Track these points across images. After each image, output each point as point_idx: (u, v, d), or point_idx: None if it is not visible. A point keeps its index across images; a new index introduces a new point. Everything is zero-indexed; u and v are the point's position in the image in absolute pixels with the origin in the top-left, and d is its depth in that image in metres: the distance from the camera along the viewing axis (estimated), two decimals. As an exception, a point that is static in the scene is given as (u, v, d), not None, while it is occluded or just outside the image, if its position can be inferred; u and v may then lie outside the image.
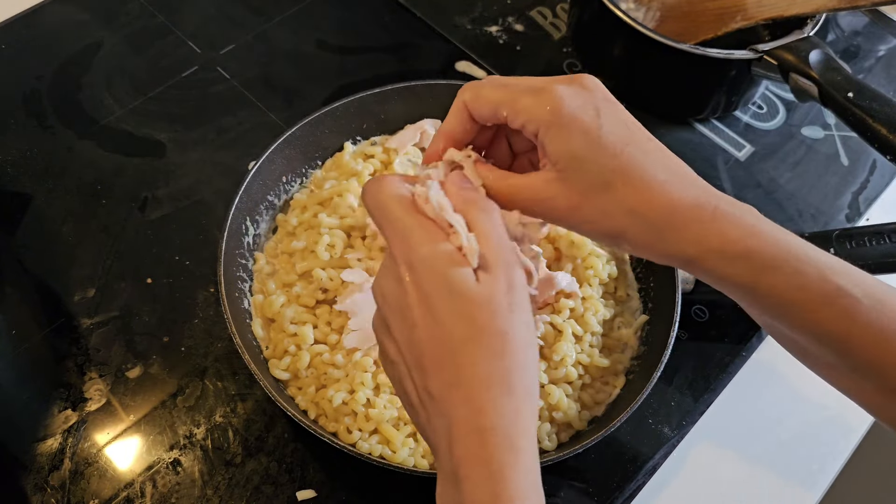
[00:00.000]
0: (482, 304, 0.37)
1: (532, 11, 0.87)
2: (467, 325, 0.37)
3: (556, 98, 0.39)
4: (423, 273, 0.38)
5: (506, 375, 0.37)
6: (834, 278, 0.38)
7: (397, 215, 0.39)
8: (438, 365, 0.37)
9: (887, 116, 0.63)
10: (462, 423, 0.36)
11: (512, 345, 0.37)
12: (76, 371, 0.60)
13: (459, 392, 0.37)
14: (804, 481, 0.61)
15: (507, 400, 0.37)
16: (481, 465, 0.36)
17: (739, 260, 0.39)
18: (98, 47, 0.80)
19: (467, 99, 0.42)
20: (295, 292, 0.60)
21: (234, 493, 0.56)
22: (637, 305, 0.64)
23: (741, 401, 0.63)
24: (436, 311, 0.37)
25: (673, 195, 0.39)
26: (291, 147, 0.66)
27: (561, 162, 0.39)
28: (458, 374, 0.37)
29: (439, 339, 0.37)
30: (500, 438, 0.36)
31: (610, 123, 0.40)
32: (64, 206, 0.69)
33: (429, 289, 0.38)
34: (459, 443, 0.36)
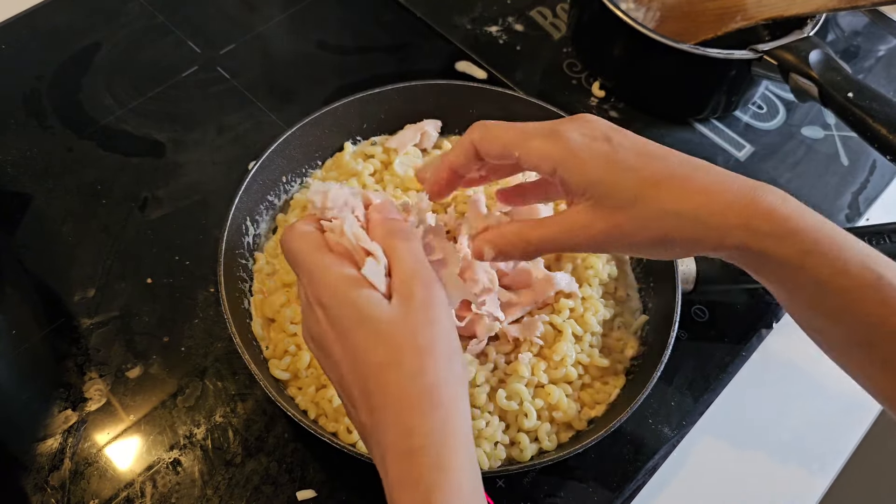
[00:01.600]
0: (395, 323, 0.38)
1: (532, 11, 0.87)
2: (384, 349, 0.38)
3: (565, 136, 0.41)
4: (333, 306, 0.39)
5: (430, 391, 0.37)
6: (875, 267, 0.38)
7: (303, 255, 0.41)
8: (364, 394, 0.38)
9: (887, 116, 0.63)
10: (392, 447, 0.37)
11: (432, 359, 0.38)
12: (76, 371, 0.60)
13: (386, 416, 0.37)
14: (804, 481, 0.61)
15: (434, 416, 0.37)
16: (411, 487, 0.36)
17: (787, 240, 0.39)
18: (98, 47, 0.80)
19: (476, 138, 0.43)
20: (295, 292, 0.60)
21: (234, 493, 0.56)
22: (637, 305, 0.64)
23: (741, 401, 0.63)
24: (351, 341, 0.38)
25: (707, 187, 0.39)
26: (291, 147, 0.66)
27: (588, 190, 0.40)
28: (382, 399, 0.37)
29: (360, 368, 0.38)
30: (429, 458, 0.36)
31: (622, 145, 0.41)
32: (64, 206, 0.69)
33: (342, 321, 0.39)
34: (392, 467, 0.37)
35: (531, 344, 0.58)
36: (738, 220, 0.39)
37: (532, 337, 0.58)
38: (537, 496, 0.57)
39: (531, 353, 0.58)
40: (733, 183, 0.40)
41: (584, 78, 0.82)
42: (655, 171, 0.40)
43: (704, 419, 0.62)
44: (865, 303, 0.38)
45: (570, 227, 0.41)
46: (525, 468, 0.54)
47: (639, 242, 0.41)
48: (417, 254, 0.41)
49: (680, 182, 0.40)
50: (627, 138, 0.42)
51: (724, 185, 0.40)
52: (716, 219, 0.39)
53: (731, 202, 0.39)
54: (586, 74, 0.82)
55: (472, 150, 0.44)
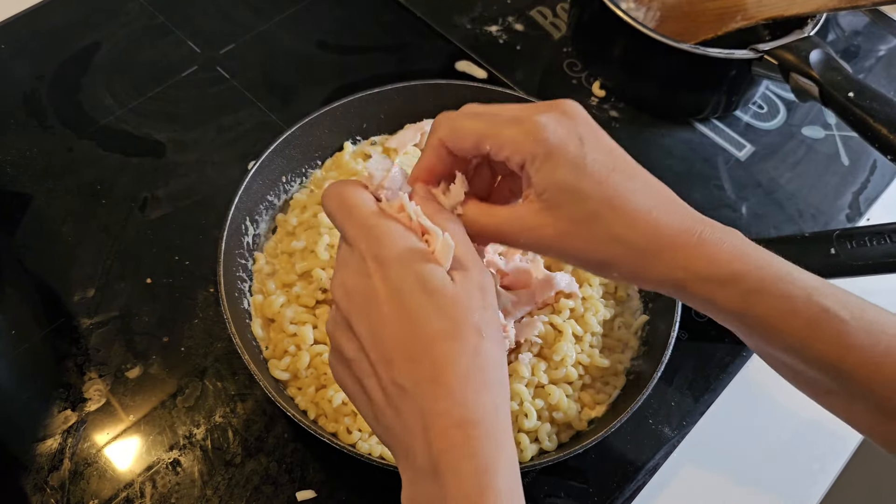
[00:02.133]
0: (459, 300, 0.37)
1: (532, 11, 0.87)
2: (444, 321, 0.37)
3: (540, 128, 0.39)
4: (395, 269, 0.38)
5: (483, 371, 0.37)
6: (821, 300, 0.38)
7: (367, 216, 0.40)
8: (412, 359, 0.37)
9: (888, 116, 0.63)
10: (443, 416, 0.36)
11: (487, 342, 0.37)
12: (76, 371, 0.60)
13: (438, 386, 0.36)
14: (805, 482, 0.61)
15: (486, 395, 0.37)
16: (466, 458, 0.35)
17: (728, 284, 0.39)
18: (98, 47, 0.80)
19: (444, 136, 0.42)
20: (295, 292, 0.60)
21: (234, 493, 0.56)
22: (637, 305, 0.63)
23: (741, 401, 0.63)
24: (408, 306, 0.37)
25: (659, 221, 0.39)
26: (291, 147, 0.66)
27: (547, 192, 0.39)
28: (435, 369, 0.36)
29: (412, 333, 0.37)
30: (484, 432, 0.36)
31: (594, 151, 0.40)
32: (64, 206, 0.69)
33: (400, 284, 0.37)
34: (441, 436, 0.36)
35: (531, 344, 0.58)
36: (680, 261, 0.39)
37: (531, 337, 0.58)
38: (537, 496, 0.57)
39: (531, 354, 0.58)
40: (687, 221, 0.39)
41: (584, 78, 0.82)
42: (616, 190, 0.39)
43: (705, 419, 0.62)
44: (815, 338, 0.39)
45: (518, 223, 0.41)
46: (525, 468, 0.53)
47: (580, 259, 0.41)
48: (467, 239, 0.41)
49: (635, 208, 0.39)
50: (599, 144, 0.40)
51: (676, 222, 0.39)
52: (660, 255, 0.39)
53: (677, 241, 0.39)
54: (586, 74, 0.82)
55: (443, 149, 0.42)
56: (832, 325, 0.38)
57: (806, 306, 0.38)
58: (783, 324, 0.39)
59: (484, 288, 0.39)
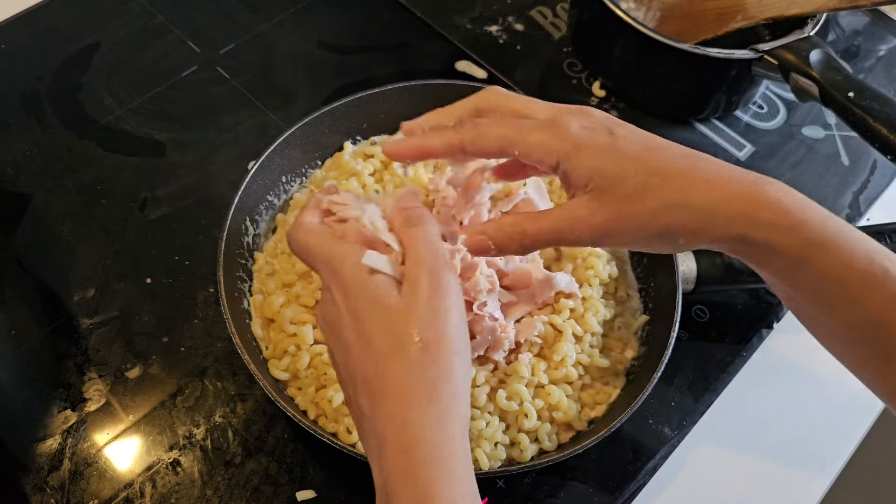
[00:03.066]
0: (401, 312, 0.38)
1: (532, 11, 0.87)
2: (390, 338, 0.37)
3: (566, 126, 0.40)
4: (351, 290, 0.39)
5: (431, 386, 0.37)
6: (882, 261, 0.38)
7: (319, 245, 0.41)
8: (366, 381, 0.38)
9: (888, 116, 0.63)
10: (390, 439, 0.37)
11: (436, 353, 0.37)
12: (76, 371, 0.60)
13: (385, 407, 0.37)
14: (805, 481, 0.61)
15: (431, 411, 0.37)
16: (409, 481, 0.36)
17: (792, 231, 0.38)
18: (98, 47, 0.80)
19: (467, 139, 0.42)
20: (295, 292, 0.60)
21: (234, 493, 0.56)
22: (637, 305, 0.63)
23: (741, 401, 0.63)
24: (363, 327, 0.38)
25: (710, 178, 0.39)
26: (291, 147, 0.66)
27: (591, 182, 0.40)
28: (383, 389, 0.37)
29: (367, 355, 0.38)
30: (426, 452, 0.36)
31: (625, 137, 0.40)
32: (64, 206, 0.69)
33: (356, 305, 0.39)
34: (387, 459, 0.37)
35: (531, 344, 0.58)
36: (742, 210, 0.39)
37: (530, 337, 0.58)
38: (537, 497, 0.57)
39: (531, 354, 0.58)
40: (737, 174, 0.40)
41: (584, 77, 0.82)
42: (659, 162, 0.40)
43: (705, 419, 0.62)
44: (870, 297, 0.38)
45: (570, 219, 0.41)
46: (525, 469, 0.54)
47: (641, 234, 0.40)
48: (430, 240, 0.40)
49: (684, 172, 0.39)
50: (629, 129, 0.41)
51: (727, 175, 0.39)
52: (720, 209, 0.39)
53: (735, 192, 0.39)
54: (586, 74, 0.82)
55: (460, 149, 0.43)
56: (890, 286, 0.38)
57: (866, 264, 0.38)
58: (841, 278, 0.38)
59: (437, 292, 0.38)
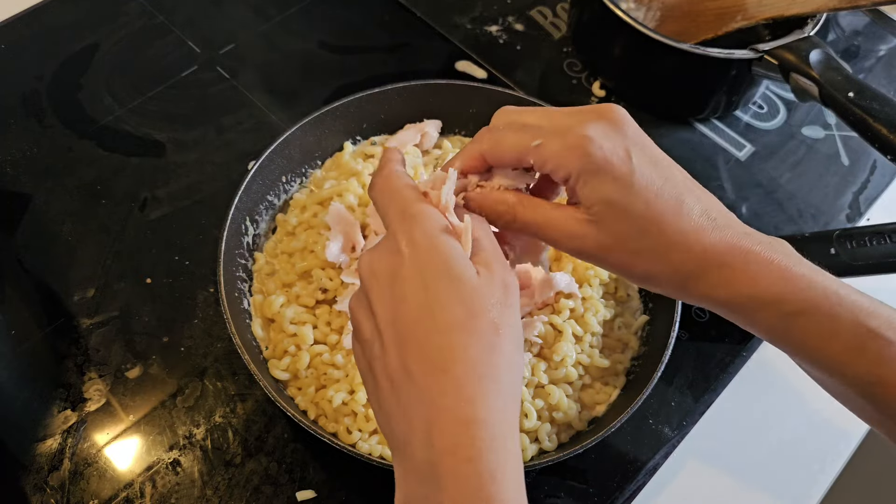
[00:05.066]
0: (481, 293, 0.36)
1: (532, 11, 0.87)
2: (464, 310, 0.35)
3: (585, 142, 0.39)
4: (426, 250, 0.37)
5: (496, 370, 0.35)
6: (867, 321, 0.38)
7: (410, 200, 0.39)
8: (425, 345, 0.35)
9: (888, 116, 0.63)
10: (448, 411, 0.34)
11: (504, 340, 0.36)
12: (76, 371, 0.60)
13: (446, 378, 0.34)
14: (805, 481, 0.61)
15: (496, 394, 0.35)
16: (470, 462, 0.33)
17: (771, 305, 0.38)
18: (98, 47, 0.80)
19: (486, 149, 0.42)
20: (295, 292, 0.60)
21: (234, 493, 0.56)
22: (637, 305, 0.63)
23: (742, 401, 0.63)
24: (432, 289, 0.36)
25: (705, 242, 0.38)
26: (291, 147, 0.66)
27: (595, 207, 0.39)
28: (446, 358, 0.35)
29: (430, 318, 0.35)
30: (490, 434, 0.34)
31: (642, 165, 0.39)
32: (64, 206, 0.69)
33: (428, 266, 0.36)
34: (444, 434, 0.34)
35: (531, 344, 0.58)
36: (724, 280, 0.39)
37: (531, 337, 0.58)
38: (537, 496, 0.57)
39: (531, 354, 0.58)
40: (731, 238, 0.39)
41: (584, 78, 0.82)
42: (665, 212, 0.39)
43: (705, 419, 0.62)
44: (860, 360, 0.38)
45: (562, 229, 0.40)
46: (525, 468, 0.53)
47: (622, 271, 0.41)
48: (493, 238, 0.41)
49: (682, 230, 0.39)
50: (647, 156, 0.40)
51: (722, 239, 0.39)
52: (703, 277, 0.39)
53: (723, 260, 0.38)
54: (586, 74, 0.82)
55: (481, 161, 0.42)
56: (875, 347, 0.38)
57: (851, 328, 0.38)
58: (825, 345, 0.38)
59: (507, 286, 0.38)
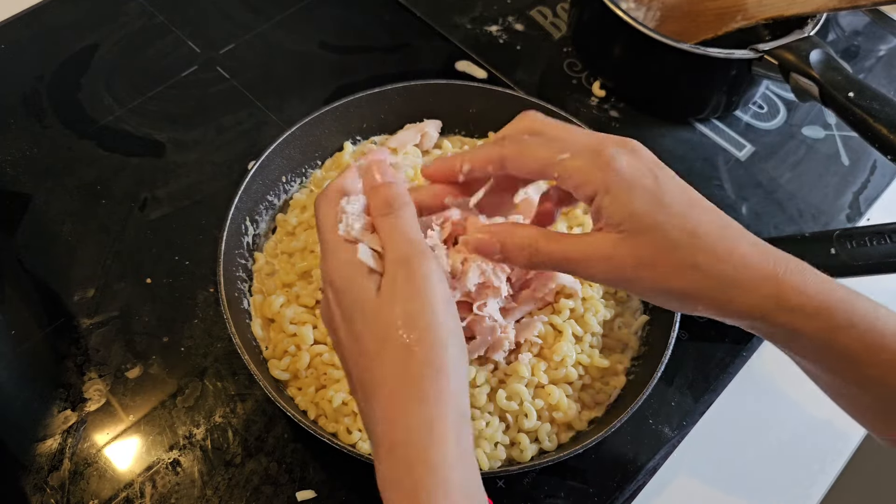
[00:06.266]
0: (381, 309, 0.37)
1: (532, 11, 0.87)
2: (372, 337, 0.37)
3: (612, 160, 0.39)
4: (340, 289, 0.38)
5: (417, 383, 0.36)
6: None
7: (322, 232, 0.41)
8: (359, 380, 0.37)
9: (888, 116, 0.63)
10: (381, 440, 0.36)
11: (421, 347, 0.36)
12: (76, 371, 0.60)
13: (375, 407, 0.36)
14: (805, 481, 0.61)
15: (418, 410, 0.35)
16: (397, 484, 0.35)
17: (818, 314, 0.38)
18: (98, 47, 0.80)
19: (509, 155, 0.41)
20: (294, 292, 0.60)
21: (234, 493, 0.56)
22: (637, 305, 0.63)
23: (742, 401, 0.63)
24: (352, 325, 0.38)
25: (745, 252, 0.39)
26: (291, 147, 0.66)
27: (625, 223, 0.38)
28: (373, 389, 0.36)
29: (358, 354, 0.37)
30: (412, 453, 0.35)
31: (669, 186, 0.39)
32: (64, 206, 0.69)
33: (345, 304, 0.38)
34: (380, 462, 0.36)
35: (531, 344, 0.58)
36: (768, 291, 0.38)
37: (530, 337, 0.58)
38: (537, 497, 0.57)
39: (531, 354, 0.58)
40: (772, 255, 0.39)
41: (584, 77, 0.82)
42: (698, 224, 0.39)
43: (705, 419, 0.62)
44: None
45: (590, 252, 0.39)
46: (525, 468, 0.54)
47: (660, 289, 0.40)
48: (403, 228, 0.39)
49: (719, 240, 0.38)
50: (671, 179, 0.40)
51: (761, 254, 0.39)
52: (747, 287, 0.38)
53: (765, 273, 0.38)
54: (586, 74, 0.82)
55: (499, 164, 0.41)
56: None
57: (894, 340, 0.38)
58: (868, 357, 0.38)
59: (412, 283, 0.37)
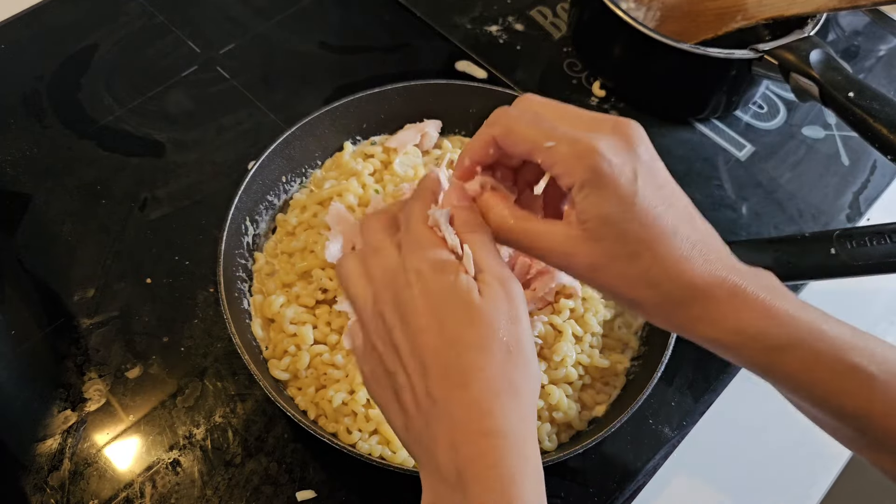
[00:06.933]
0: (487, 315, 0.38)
1: (532, 11, 0.87)
2: (475, 334, 0.37)
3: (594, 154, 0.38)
4: (432, 279, 0.38)
5: (512, 384, 0.37)
6: (849, 356, 0.38)
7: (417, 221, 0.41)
8: (444, 368, 0.37)
9: (888, 116, 0.63)
10: (468, 424, 0.36)
11: (519, 355, 0.38)
12: (76, 371, 0.60)
13: (466, 394, 0.37)
14: (805, 481, 0.61)
15: (514, 406, 0.37)
16: (492, 468, 0.35)
17: (754, 340, 0.38)
18: (98, 47, 0.80)
19: (497, 134, 0.41)
20: (294, 292, 0.60)
21: (234, 493, 0.56)
22: (637, 305, 0.63)
23: (742, 401, 0.63)
24: (443, 315, 0.38)
25: (695, 271, 0.38)
26: (291, 147, 0.66)
27: (591, 222, 0.39)
28: (465, 378, 0.37)
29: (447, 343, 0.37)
30: (510, 443, 0.36)
31: (646, 188, 0.39)
32: (64, 206, 0.69)
33: (438, 294, 0.38)
34: (467, 445, 0.36)
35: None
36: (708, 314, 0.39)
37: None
38: (537, 496, 0.57)
39: (531, 354, 0.58)
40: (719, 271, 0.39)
41: (584, 77, 0.82)
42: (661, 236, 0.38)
43: (705, 419, 0.62)
44: (843, 396, 0.38)
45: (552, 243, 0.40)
46: (525, 468, 0.54)
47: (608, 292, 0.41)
48: (493, 249, 0.41)
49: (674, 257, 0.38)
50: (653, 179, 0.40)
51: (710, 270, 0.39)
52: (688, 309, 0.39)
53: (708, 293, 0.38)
54: (586, 74, 0.82)
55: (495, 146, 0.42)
56: (859, 379, 0.38)
57: (833, 362, 0.38)
58: (809, 379, 0.39)
59: (513, 299, 0.39)
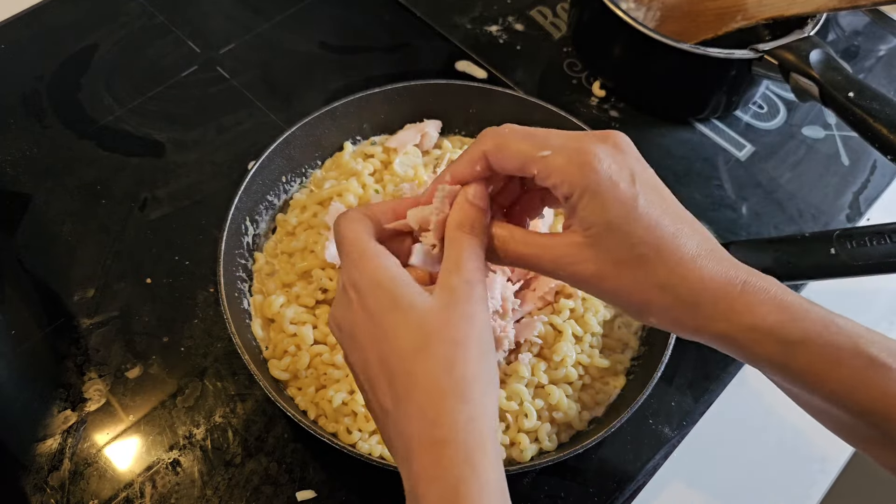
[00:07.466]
0: (430, 312, 0.37)
1: (532, 11, 0.87)
2: (414, 336, 0.37)
3: (591, 160, 0.38)
4: (368, 291, 0.38)
5: (459, 385, 0.36)
6: (867, 349, 0.38)
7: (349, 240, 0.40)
8: (390, 379, 0.37)
9: (888, 116, 0.63)
10: (417, 437, 0.36)
11: (465, 352, 0.37)
12: (76, 371, 0.60)
13: (411, 405, 0.36)
14: (805, 481, 0.61)
15: (461, 410, 0.36)
16: (437, 482, 0.35)
17: (771, 335, 0.38)
18: (98, 47, 0.80)
19: (489, 150, 0.41)
20: (295, 292, 0.60)
21: (234, 493, 0.56)
22: (637, 305, 0.63)
23: (742, 401, 0.63)
24: (382, 326, 0.38)
25: (704, 271, 0.38)
26: (291, 147, 0.66)
27: (594, 229, 0.38)
28: (408, 387, 0.36)
29: (389, 353, 0.37)
30: (455, 452, 0.35)
31: (646, 191, 0.39)
32: (64, 206, 0.69)
33: (375, 305, 0.38)
34: (415, 459, 0.36)
35: (531, 344, 0.58)
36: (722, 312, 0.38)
37: (530, 337, 0.58)
38: (537, 497, 0.57)
39: (531, 354, 0.58)
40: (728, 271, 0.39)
41: (584, 77, 0.82)
42: (665, 238, 0.38)
43: (705, 419, 0.62)
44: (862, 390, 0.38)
45: (557, 256, 0.40)
46: (525, 468, 0.54)
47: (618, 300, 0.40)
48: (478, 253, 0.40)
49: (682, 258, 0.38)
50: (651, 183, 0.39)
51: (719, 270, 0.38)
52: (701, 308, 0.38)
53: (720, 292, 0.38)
54: (586, 74, 0.82)
55: (484, 163, 0.41)
56: (878, 374, 0.37)
57: (851, 356, 0.38)
58: (828, 374, 0.38)
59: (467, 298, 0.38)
